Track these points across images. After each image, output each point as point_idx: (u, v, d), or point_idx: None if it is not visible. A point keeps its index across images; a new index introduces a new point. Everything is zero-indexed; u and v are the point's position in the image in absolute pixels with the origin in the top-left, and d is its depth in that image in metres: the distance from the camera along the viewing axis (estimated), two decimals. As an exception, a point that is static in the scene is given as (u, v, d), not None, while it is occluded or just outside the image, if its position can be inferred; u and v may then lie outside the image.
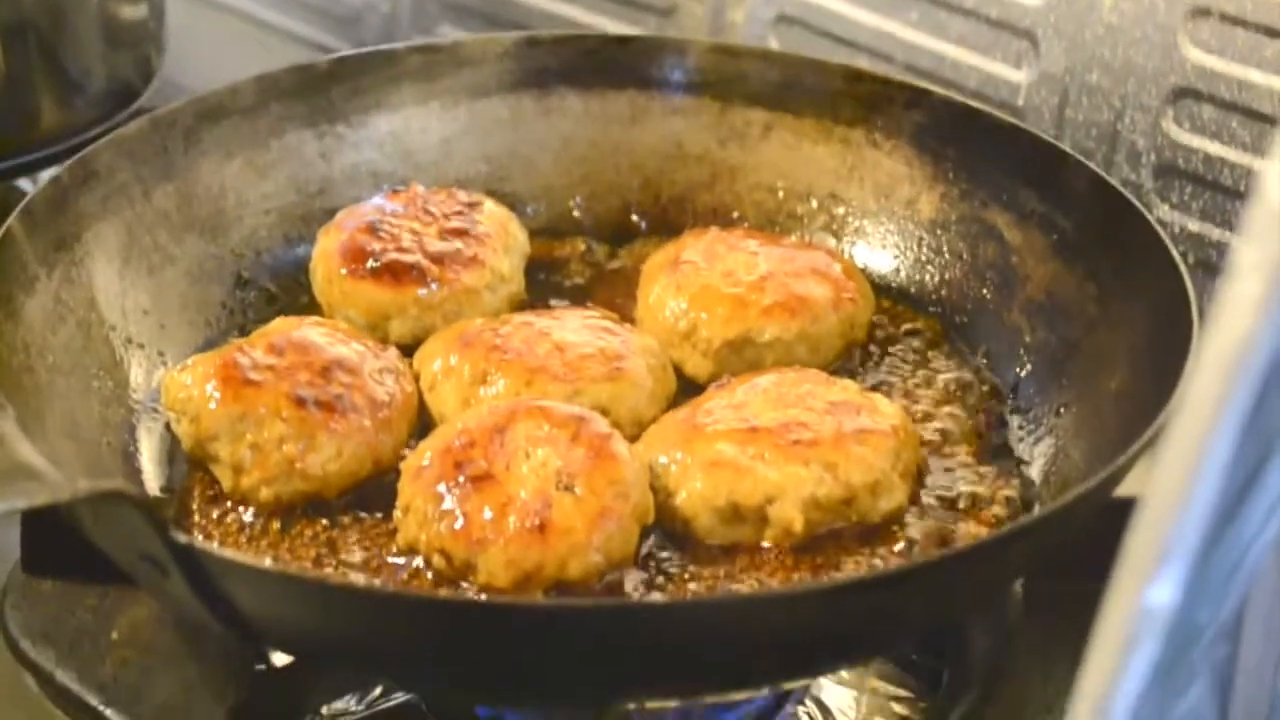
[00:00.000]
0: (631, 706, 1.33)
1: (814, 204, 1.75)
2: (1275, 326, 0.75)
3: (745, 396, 1.45)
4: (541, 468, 1.34)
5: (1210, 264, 1.72)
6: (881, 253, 1.72)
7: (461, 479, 1.34)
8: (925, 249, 1.69)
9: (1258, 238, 0.76)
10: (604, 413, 1.43)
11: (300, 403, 1.43)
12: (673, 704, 1.34)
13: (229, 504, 1.43)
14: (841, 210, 1.74)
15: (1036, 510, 1.44)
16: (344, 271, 1.60)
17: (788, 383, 1.47)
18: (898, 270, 1.70)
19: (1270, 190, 0.77)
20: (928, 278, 1.69)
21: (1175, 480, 0.75)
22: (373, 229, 1.62)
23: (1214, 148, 1.71)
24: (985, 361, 1.61)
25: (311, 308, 1.63)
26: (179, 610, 1.31)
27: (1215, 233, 1.72)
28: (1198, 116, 1.71)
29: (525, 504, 1.32)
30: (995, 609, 1.43)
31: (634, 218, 1.79)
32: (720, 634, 1.17)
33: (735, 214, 1.77)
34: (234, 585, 1.18)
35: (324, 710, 1.39)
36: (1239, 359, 0.74)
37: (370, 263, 1.59)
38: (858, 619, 1.21)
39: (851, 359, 1.60)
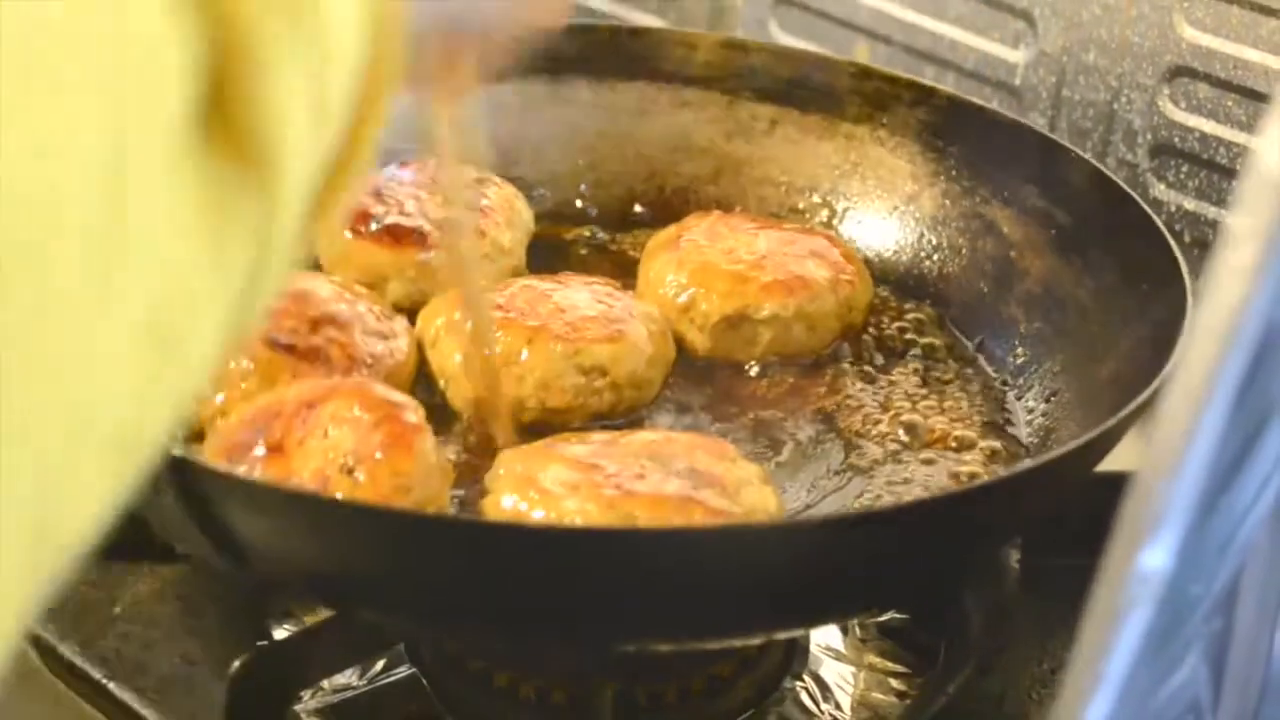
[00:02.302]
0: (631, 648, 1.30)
1: (816, 198, 1.76)
2: (1269, 295, 0.75)
3: (636, 439, 1.35)
4: (332, 448, 1.30)
5: (1206, 242, 1.73)
6: (881, 246, 1.72)
7: (258, 447, 1.31)
8: (925, 243, 1.70)
9: (1252, 206, 0.76)
10: (603, 373, 1.44)
11: (271, 344, 1.42)
12: (666, 647, 1.30)
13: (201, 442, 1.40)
14: (843, 205, 1.75)
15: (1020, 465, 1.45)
16: (347, 233, 1.59)
17: (687, 445, 1.34)
18: (897, 263, 1.71)
19: (1264, 159, 0.77)
20: (926, 270, 1.70)
21: (1169, 447, 0.75)
22: (377, 193, 1.62)
23: (1209, 126, 1.72)
24: (981, 350, 1.62)
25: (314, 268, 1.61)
26: (169, 533, 1.31)
27: (1211, 211, 1.73)
28: (1193, 95, 1.72)
29: (301, 483, 1.28)
30: (992, 583, 1.43)
31: (638, 208, 1.80)
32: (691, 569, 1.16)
33: (738, 207, 1.77)
34: (224, 500, 1.18)
35: (324, 684, 1.39)
36: (1233, 327, 0.75)
37: (372, 224, 1.60)
38: (830, 563, 1.19)
39: (847, 344, 1.61)
